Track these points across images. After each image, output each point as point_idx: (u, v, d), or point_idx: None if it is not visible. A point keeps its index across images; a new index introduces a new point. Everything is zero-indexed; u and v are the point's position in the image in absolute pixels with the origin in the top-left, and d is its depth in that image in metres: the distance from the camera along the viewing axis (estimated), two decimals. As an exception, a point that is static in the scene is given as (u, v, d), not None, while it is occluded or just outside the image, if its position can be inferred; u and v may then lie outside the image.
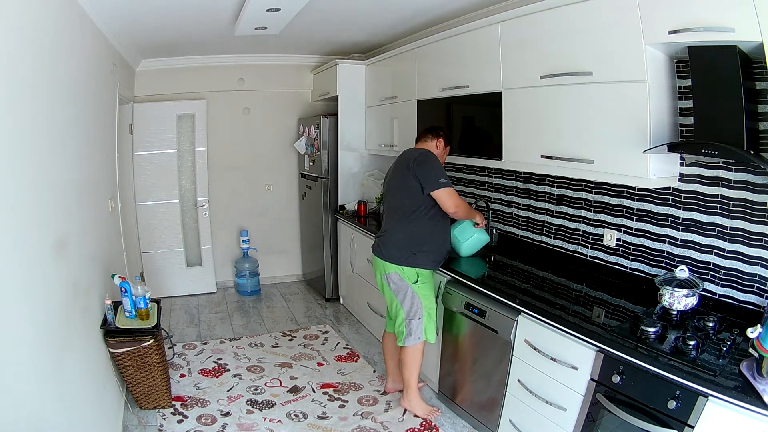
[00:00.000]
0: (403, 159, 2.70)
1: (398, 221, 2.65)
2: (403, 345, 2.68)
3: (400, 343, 2.69)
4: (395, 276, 2.63)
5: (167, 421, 2.67)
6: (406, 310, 2.64)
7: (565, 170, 2.33)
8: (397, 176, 2.68)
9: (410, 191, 2.58)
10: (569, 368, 1.96)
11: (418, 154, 2.62)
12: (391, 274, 2.64)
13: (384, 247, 2.68)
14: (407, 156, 2.68)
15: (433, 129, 2.79)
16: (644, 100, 1.92)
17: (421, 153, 2.63)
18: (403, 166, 2.64)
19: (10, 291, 1.52)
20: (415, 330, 2.64)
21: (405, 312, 2.65)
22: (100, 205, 2.91)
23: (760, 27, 1.50)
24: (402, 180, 2.62)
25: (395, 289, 2.65)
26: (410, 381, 2.72)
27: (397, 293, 2.65)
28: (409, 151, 2.73)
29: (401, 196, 2.63)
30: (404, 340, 2.66)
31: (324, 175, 4.46)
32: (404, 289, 2.63)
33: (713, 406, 1.47)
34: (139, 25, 3.19)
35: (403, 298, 2.63)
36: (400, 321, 2.68)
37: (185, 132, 4.70)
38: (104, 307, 2.56)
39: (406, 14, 3.30)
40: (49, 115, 1.98)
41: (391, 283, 2.65)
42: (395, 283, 2.64)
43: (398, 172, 2.67)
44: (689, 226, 2.11)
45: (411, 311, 2.64)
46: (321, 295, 4.78)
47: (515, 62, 2.52)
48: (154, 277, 4.61)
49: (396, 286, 2.64)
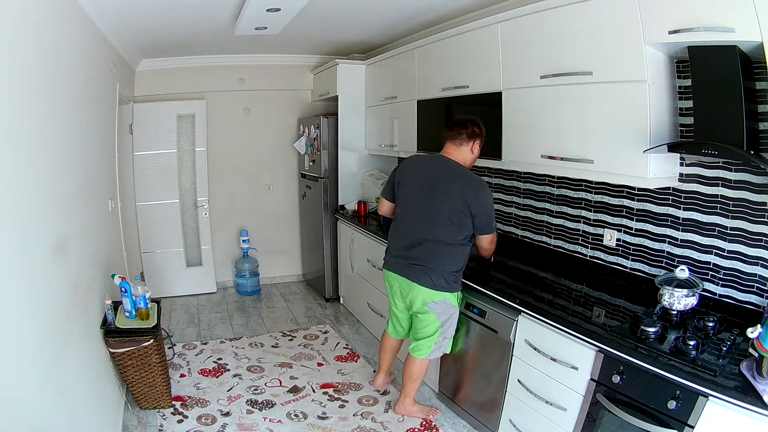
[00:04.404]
0: (451, 178, 2.41)
1: (442, 251, 2.43)
2: (425, 358, 2.58)
3: (423, 356, 2.57)
4: (447, 303, 2.49)
5: (167, 421, 2.67)
6: (445, 329, 2.54)
7: (565, 170, 2.33)
8: (447, 201, 2.39)
9: (461, 224, 2.39)
10: (569, 368, 1.96)
11: (475, 185, 2.38)
12: (440, 303, 2.48)
13: (427, 275, 2.45)
14: (455, 175, 2.41)
15: (469, 125, 2.46)
16: (644, 100, 1.92)
17: (477, 184, 2.39)
18: (457, 193, 2.36)
19: (10, 291, 1.52)
20: (444, 346, 2.59)
21: (443, 331, 2.54)
22: (100, 205, 2.91)
23: (760, 27, 1.50)
24: (454, 210, 2.37)
25: (442, 313, 2.50)
26: (411, 392, 2.69)
27: (441, 316, 2.51)
28: (452, 166, 2.44)
29: (450, 226, 2.39)
30: (430, 354, 2.57)
31: (324, 175, 4.46)
32: (452, 312, 2.53)
33: (713, 406, 1.47)
34: (139, 25, 3.19)
35: (448, 321, 2.53)
36: (433, 338, 2.54)
37: (185, 132, 4.70)
38: (104, 307, 2.56)
39: (406, 14, 3.30)
40: (49, 115, 1.98)
41: (437, 309, 2.50)
42: (443, 308, 2.50)
43: (450, 197, 2.38)
44: (689, 226, 2.11)
45: (449, 330, 2.55)
46: (321, 295, 4.78)
47: (515, 62, 2.52)
48: (154, 277, 4.61)
49: (444, 310, 2.50)
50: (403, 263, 2.54)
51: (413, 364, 2.61)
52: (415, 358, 2.60)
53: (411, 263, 2.50)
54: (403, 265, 2.55)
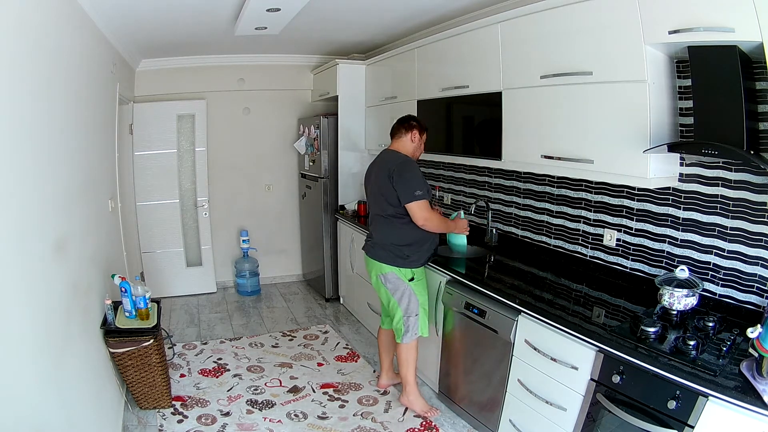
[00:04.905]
0: (384, 164, 2.69)
1: (385, 226, 2.69)
2: (401, 342, 2.73)
3: (399, 340, 2.74)
4: (392, 275, 2.68)
5: (167, 421, 2.67)
6: (404, 308, 2.70)
7: (565, 170, 2.33)
8: (380, 182, 2.68)
9: (392, 200, 2.61)
10: (569, 368, 1.96)
11: (399, 163, 2.61)
12: (388, 274, 2.69)
13: (374, 249, 2.74)
14: (388, 161, 2.67)
15: (405, 121, 2.77)
16: (644, 100, 1.92)
17: (401, 162, 2.62)
18: (384, 173, 2.63)
19: (10, 291, 1.52)
20: (412, 327, 2.71)
21: (402, 310, 2.70)
22: (100, 205, 2.91)
23: (760, 27, 1.50)
24: (385, 187, 2.62)
25: (392, 288, 2.70)
26: (408, 377, 2.77)
27: (394, 292, 2.70)
28: (389, 154, 2.73)
29: (385, 202, 2.65)
30: (402, 337, 2.72)
31: (324, 175, 4.46)
32: (401, 287, 2.68)
33: (713, 406, 1.47)
34: (139, 25, 3.19)
35: (401, 297, 2.69)
36: (398, 319, 2.72)
37: (185, 132, 4.70)
38: (104, 307, 2.56)
39: (406, 14, 3.30)
40: (49, 115, 1.98)
41: (387, 282, 2.70)
42: (392, 282, 2.69)
43: (380, 177, 2.67)
44: (689, 226, 2.11)
45: (408, 309, 2.70)
46: (321, 295, 4.78)
47: (515, 62, 2.52)
48: (154, 277, 4.61)
49: (393, 285, 2.69)
50: (366, 243, 2.88)
51: (398, 350, 2.79)
52: (398, 345, 2.78)
53: (367, 240, 2.86)
54: (365, 245, 2.87)
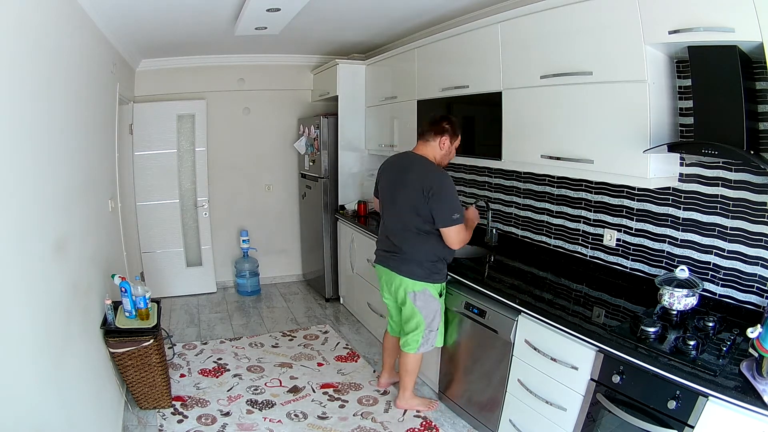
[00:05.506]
0: (414, 174, 2.48)
1: (417, 241, 2.51)
2: (416, 353, 2.65)
3: (413, 351, 2.65)
4: (427, 293, 2.55)
5: (167, 421, 2.67)
6: (428, 322, 2.60)
7: (565, 170, 2.33)
8: (410, 194, 2.47)
9: (427, 216, 2.45)
10: (569, 368, 1.96)
11: (436, 180, 2.41)
12: (420, 292, 2.55)
13: (405, 265, 2.55)
14: (420, 173, 2.47)
15: (437, 123, 2.55)
16: (644, 100, 1.92)
17: (438, 179, 2.42)
18: (417, 186, 2.43)
19: (10, 291, 1.52)
20: (431, 340, 2.65)
21: (427, 324, 2.60)
22: (100, 205, 2.91)
23: (760, 27, 1.50)
24: (419, 203, 2.44)
25: (422, 305, 2.56)
26: (409, 385, 2.76)
27: (423, 309, 2.57)
28: (417, 160, 2.53)
29: (416, 217, 2.47)
30: (419, 348, 2.64)
31: (324, 175, 4.46)
32: (433, 305, 2.58)
33: (713, 406, 1.47)
34: (139, 25, 3.19)
35: (429, 313, 2.59)
36: (418, 331, 2.61)
37: (185, 132, 4.70)
38: (104, 307, 2.56)
39: (406, 14, 3.30)
40: (49, 115, 1.98)
41: (417, 300, 2.56)
42: (425, 299, 2.56)
43: (411, 190, 2.47)
44: (689, 226, 2.11)
45: (433, 323, 2.61)
46: (321, 295, 4.78)
47: (515, 62, 2.52)
48: (154, 277, 4.61)
49: (424, 302, 2.56)
50: (386, 255, 2.68)
51: (406, 359, 2.69)
52: (406, 353, 2.67)
53: (391, 254, 2.63)
54: (386, 257, 2.68)
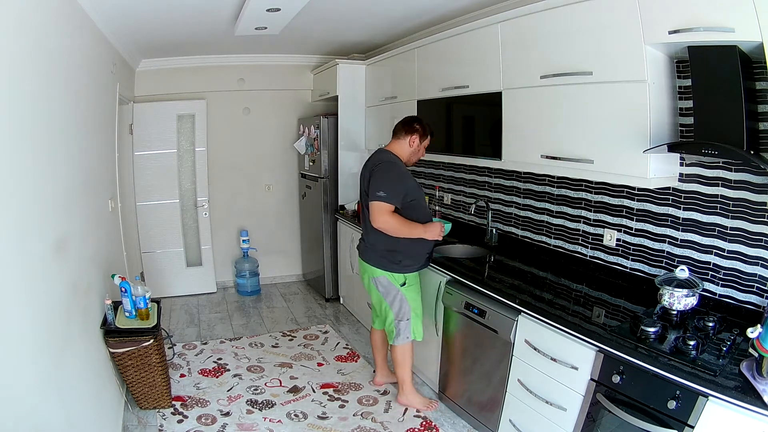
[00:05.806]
0: (370, 162, 2.65)
1: (373, 229, 2.59)
2: (393, 344, 2.74)
3: (391, 342, 2.75)
4: (384, 280, 2.67)
5: (167, 421, 2.67)
6: (395, 311, 2.70)
7: (565, 170, 2.33)
8: (365, 182, 2.64)
9: None
10: (569, 368, 1.96)
11: (380, 162, 2.57)
12: (380, 278, 2.67)
13: (367, 252, 2.72)
14: (374, 160, 2.63)
15: (408, 123, 2.69)
16: (644, 100, 1.92)
17: (383, 162, 2.57)
18: (367, 172, 2.61)
19: (10, 291, 1.52)
20: (403, 330, 2.71)
21: (394, 314, 2.70)
22: (100, 205, 2.91)
23: (760, 27, 1.50)
24: (367, 186, 2.58)
25: (384, 292, 2.69)
26: (404, 377, 2.79)
27: (386, 296, 2.69)
28: (380, 153, 2.67)
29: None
30: (394, 339, 2.73)
31: (324, 175, 4.46)
32: (393, 292, 2.67)
33: (713, 406, 1.47)
34: (139, 25, 3.19)
35: (392, 301, 2.68)
36: (389, 321, 2.74)
37: (185, 132, 4.70)
38: (104, 307, 2.56)
39: (406, 14, 3.30)
40: (49, 115, 1.98)
41: (379, 286, 2.69)
42: (384, 286, 2.68)
43: (364, 178, 2.64)
44: (689, 226, 2.11)
45: (400, 313, 2.69)
46: (321, 295, 4.78)
47: (515, 62, 2.52)
48: (154, 277, 4.61)
49: (384, 289, 2.68)
50: (360, 245, 2.84)
51: (393, 352, 2.79)
52: (393, 346, 2.78)
53: (362, 243, 2.81)
54: (360, 247, 2.84)
